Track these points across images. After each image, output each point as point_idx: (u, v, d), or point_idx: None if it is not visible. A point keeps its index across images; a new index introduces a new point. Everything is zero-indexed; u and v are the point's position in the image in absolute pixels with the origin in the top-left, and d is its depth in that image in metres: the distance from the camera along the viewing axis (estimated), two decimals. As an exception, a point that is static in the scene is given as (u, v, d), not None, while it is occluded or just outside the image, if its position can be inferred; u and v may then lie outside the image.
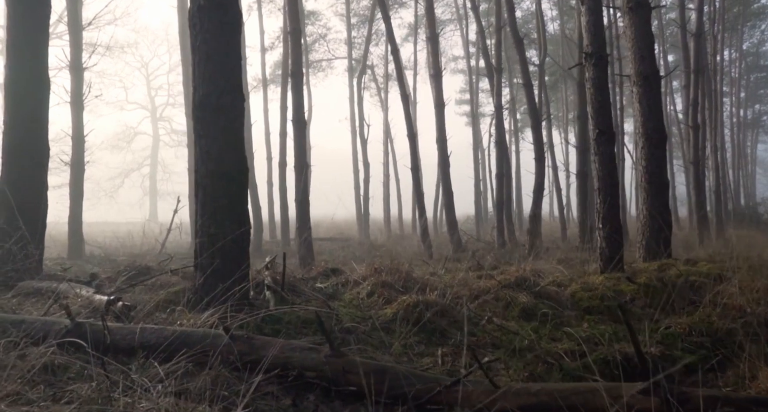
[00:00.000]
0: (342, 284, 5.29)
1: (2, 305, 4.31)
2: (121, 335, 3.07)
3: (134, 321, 3.80)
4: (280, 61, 28.32)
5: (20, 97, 5.64)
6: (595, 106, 5.49)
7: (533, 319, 4.28)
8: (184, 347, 3.02)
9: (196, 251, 4.19)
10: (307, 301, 4.51)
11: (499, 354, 3.69)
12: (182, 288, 4.48)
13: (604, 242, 5.48)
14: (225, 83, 4.11)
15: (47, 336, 3.03)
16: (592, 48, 5.52)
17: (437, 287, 4.90)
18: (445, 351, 3.72)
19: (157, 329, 3.12)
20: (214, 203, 4.11)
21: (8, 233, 5.29)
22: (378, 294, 4.65)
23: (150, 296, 4.83)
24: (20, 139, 5.59)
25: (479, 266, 6.17)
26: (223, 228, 4.10)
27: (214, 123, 4.09)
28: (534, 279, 4.93)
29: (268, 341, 3.12)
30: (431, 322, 4.11)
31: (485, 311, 4.42)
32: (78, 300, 4.20)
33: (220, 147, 4.09)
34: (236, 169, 4.17)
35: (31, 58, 5.69)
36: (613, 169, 5.50)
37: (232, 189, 4.14)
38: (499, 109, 15.94)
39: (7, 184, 5.50)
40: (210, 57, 4.10)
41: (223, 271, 4.07)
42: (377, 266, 5.21)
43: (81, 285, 4.77)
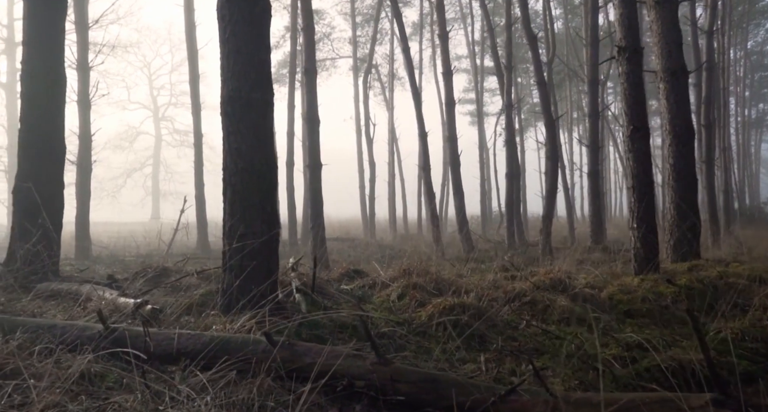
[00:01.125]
0: (369, 285, 5.13)
1: (24, 308, 4.16)
2: (156, 341, 2.91)
3: (163, 325, 3.65)
4: (282, 61, 28.26)
5: (37, 94, 5.48)
6: (630, 101, 5.33)
7: (574, 323, 4.12)
8: (223, 353, 2.87)
9: (225, 252, 4.03)
10: (338, 304, 4.36)
11: (544, 360, 3.53)
12: (208, 291, 4.32)
13: (638, 242, 5.32)
14: (255, 77, 3.95)
15: (80, 342, 2.87)
16: (625, 41, 5.36)
17: (470, 289, 4.75)
18: (487, 357, 3.56)
19: (193, 335, 2.96)
20: (244, 202, 3.95)
21: (26, 232, 5.14)
22: (410, 297, 4.49)
23: (173, 299, 4.68)
24: (37, 136, 5.44)
25: (506, 267, 6.01)
26: (254, 228, 3.95)
27: (244, 119, 3.93)
28: (569, 281, 4.78)
29: (310, 347, 2.97)
30: (469, 326, 3.96)
31: (523, 315, 4.27)
32: (102, 303, 4.04)
33: (251, 144, 3.94)
34: (267, 167, 4.02)
35: (47, 53, 5.54)
36: (648, 166, 5.34)
37: (262, 187, 3.99)
38: (510, 108, 15.80)
39: (23, 182, 5.34)
40: (239, 50, 3.94)
41: (253, 273, 3.91)
42: (406, 267, 5.05)
43: (103, 287, 4.61)
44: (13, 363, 2.45)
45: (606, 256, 9.22)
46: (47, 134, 5.52)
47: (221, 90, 4.04)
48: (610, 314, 4.36)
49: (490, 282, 5.16)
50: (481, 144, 29.43)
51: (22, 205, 5.31)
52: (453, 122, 14.33)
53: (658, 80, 6.66)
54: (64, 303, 4.46)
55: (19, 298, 4.58)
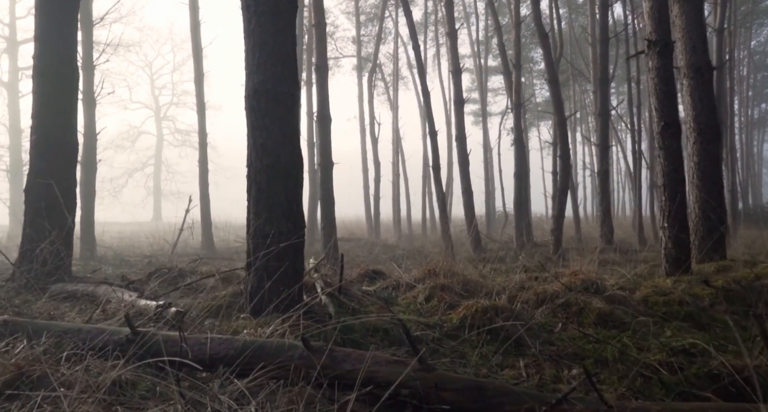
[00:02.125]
0: (392, 287, 4.98)
1: (40, 310, 4.00)
2: (187, 346, 2.76)
3: (188, 329, 3.49)
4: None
5: (49, 89, 5.32)
6: (660, 97, 5.18)
7: (611, 326, 3.97)
8: (258, 359, 2.72)
9: (250, 253, 3.88)
10: (364, 306, 4.20)
11: (586, 365, 3.38)
12: (231, 292, 4.16)
13: (670, 242, 5.16)
14: (282, 70, 3.80)
15: (107, 347, 2.72)
16: (656, 35, 5.20)
17: (498, 291, 4.60)
18: (527, 362, 3.41)
19: (226, 340, 2.81)
20: (269, 201, 3.80)
21: (38, 231, 4.98)
22: (438, 298, 4.34)
23: (193, 301, 4.53)
24: (49, 132, 5.28)
25: (528, 268, 5.86)
26: (279, 228, 3.79)
27: (270, 113, 3.78)
28: (600, 282, 4.62)
29: (349, 353, 2.81)
30: (503, 329, 3.80)
31: (557, 317, 4.11)
32: (122, 306, 3.89)
33: (276, 139, 3.78)
34: (293, 164, 3.86)
35: (59, 48, 5.38)
36: (680, 164, 5.19)
37: (288, 185, 3.84)
38: (518, 107, 15.65)
39: (35, 181, 5.18)
40: (265, 41, 3.79)
41: (279, 274, 3.76)
42: (431, 268, 4.90)
43: (120, 289, 4.46)
44: (40, 370, 2.30)
45: (622, 256, 9.08)
46: (60, 131, 5.36)
47: (246, 84, 3.89)
48: (646, 316, 4.20)
49: (517, 283, 5.01)
50: (485, 144, 29.28)
51: (35, 203, 5.15)
52: (462, 121, 14.18)
53: (681, 77, 6.51)
54: (80, 305, 4.31)
55: (33, 299, 4.43)
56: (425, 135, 28.44)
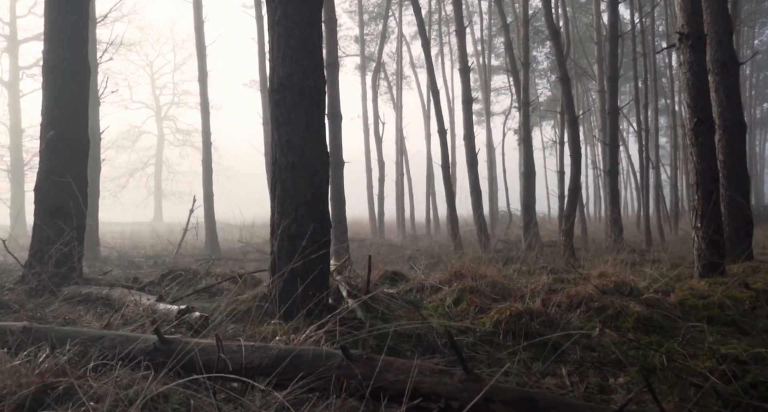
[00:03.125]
0: (416, 289, 4.81)
1: (54, 314, 3.83)
2: (217, 355, 2.58)
3: (211, 335, 3.32)
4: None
5: (60, 85, 5.15)
6: (693, 92, 5.01)
7: (651, 331, 3.80)
8: (294, 369, 2.55)
9: (274, 254, 3.71)
10: (392, 310, 4.03)
11: (631, 374, 3.21)
12: (252, 295, 3.99)
13: (703, 242, 4.99)
14: (309, 62, 3.63)
15: (133, 355, 2.55)
16: (688, 28, 5.03)
17: (530, 294, 4.44)
18: (569, 370, 3.24)
19: (259, 348, 2.64)
20: (295, 200, 3.63)
21: (49, 232, 4.80)
22: (467, 302, 4.17)
23: (211, 304, 4.36)
24: (61, 129, 5.10)
25: (551, 269, 5.69)
26: (305, 228, 3.62)
27: (296, 108, 3.61)
28: (634, 285, 4.45)
29: (390, 362, 2.64)
30: (540, 334, 3.64)
31: (593, 321, 3.94)
32: (140, 309, 3.71)
33: (303, 135, 3.61)
34: (319, 161, 3.69)
35: (70, 43, 5.20)
36: (713, 162, 5.02)
37: (315, 184, 3.66)
38: (526, 106, 15.50)
39: (46, 179, 5.01)
40: (291, 33, 3.61)
41: (305, 277, 3.59)
42: (457, 270, 4.73)
43: (136, 292, 4.28)
44: (66, 382, 2.13)
45: (639, 257, 8.91)
46: (71, 128, 5.18)
47: (270, 77, 3.72)
48: (685, 321, 4.03)
49: (545, 285, 4.84)
50: (489, 143, 29.13)
51: (45, 203, 4.97)
52: (470, 120, 14.02)
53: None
54: (95, 308, 4.13)
55: (46, 302, 4.25)
56: (429, 135, 28.30)
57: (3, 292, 4.36)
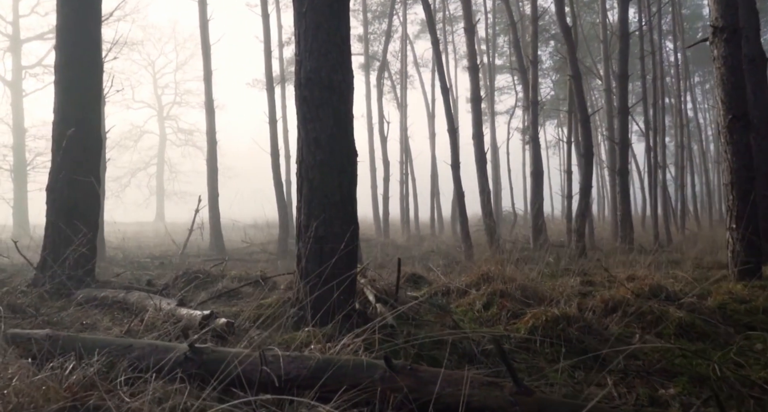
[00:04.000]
0: (442, 292, 4.65)
1: (72, 319, 3.67)
2: (253, 365, 2.43)
3: (237, 343, 3.16)
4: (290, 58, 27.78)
5: (73, 82, 4.99)
6: (728, 88, 4.85)
7: (694, 337, 3.63)
8: (335, 381, 2.39)
9: (301, 257, 3.55)
10: (421, 315, 3.87)
11: (681, 383, 3.05)
12: (276, 300, 3.83)
13: (738, 244, 4.83)
14: (337, 56, 3.47)
15: (163, 365, 2.39)
16: (723, 21, 4.87)
17: (557, 297, 4.28)
18: (615, 379, 3.08)
19: (296, 358, 2.48)
20: (323, 200, 3.47)
21: (61, 233, 4.64)
22: (498, 306, 4.01)
23: (231, 308, 4.20)
24: (73, 128, 4.93)
25: (574, 271, 5.53)
26: (333, 229, 3.46)
27: (324, 104, 3.45)
28: (670, 288, 4.29)
29: (435, 373, 2.48)
30: (579, 341, 3.48)
31: (632, 327, 3.78)
32: (160, 314, 3.56)
33: (331, 132, 3.45)
34: (348, 160, 3.53)
35: (83, 38, 5.04)
36: (749, 160, 4.85)
37: (343, 183, 3.50)
38: (535, 105, 15.36)
39: (59, 179, 4.85)
40: (319, 25, 3.46)
41: (332, 280, 3.43)
42: (484, 272, 4.57)
43: (153, 295, 4.12)
44: (96, 396, 1.97)
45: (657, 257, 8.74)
46: (84, 126, 5.02)
47: (296, 72, 3.56)
48: (726, 326, 3.87)
49: (574, 288, 4.68)
50: (493, 143, 28.95)
51: (57, 203, 4.81)
52: (479, 119, 13.85)
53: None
54: (112, 312, 3.98)
55: (59, 306, 4.10)
56: (433, 134, 28.15)
57: (16, 295, 4.20)
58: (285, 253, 13.99)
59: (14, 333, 2.61)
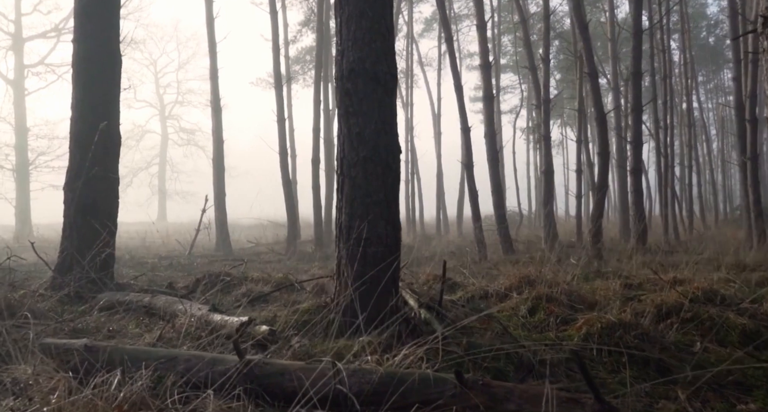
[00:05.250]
0: (479, 296, 4.43)
1: (98, 325, 3.46)
2: (316, 380, 2.21)
3: (277, 351, 2.95)
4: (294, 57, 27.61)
5: (91, 77, 4.78)
6: (778, 83, 4.65)
7: (761, 346, 3.42)
8: (402, 397, 2.18)
9: (341, 259, 3.34)
10: (460, 320, 3.65)
11: (760, 396, 2.84)
12: (314, 305, 3.62)
13: (789, 246, 4.61)
14: (382, 45, 3.26)
15: (211, 379, 2.18)
16: (772, 13, 4.65)
17: (608, 302, 4.07)
18: (687, 394, 2.86)
19: (356, 371, 2.27)
20: (366, 199, 3.26)
21: (79, 233, 4.43)
22: (546, 311, 3.79)
23: (258, 313, 3.98)
24: (91, 124, 4.73)
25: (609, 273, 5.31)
26: (377, 230, 3.25)
27: (368, 96, 3.24)
28: (724, 292, 4.08)
29: (510, 389, 2.27)
30: (639, 349, 3.26)
31: (690, 334, 3.57)
32: (192, 320, 3.34)
33: (375, 127, 3.24)
34: (393, 156, 3.32)
35: (101, 30, 4.83)
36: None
37: (387, 181, 3.29)
38: (547, 103, 15.14)
39: (76, 178, 4.63)
40: (363, 13, 3.24)
41: (376, 285, 3.22)
42: (524, 275, 4.36)
43: (180, 300, 3.90)
44: (149, 417, 1.76)
45: (677, 258, 8.55)
46: (101, 123, 4.79)
47: (338, 63, 3.35)
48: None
49: (617, 292, 4.47)
50: (498, 142, 28.75)
51: (76, 202, 4.60)
52: (491, 117, 13.66)
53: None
54: (137, 318, 3.76)
55: (81, 310, 3.88)
56: (438, 134, 27.94)
57: (35, 299, 3.99)
58: (294, 253, 13.78)
59: (49, 343, 2.40)
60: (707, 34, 38.17)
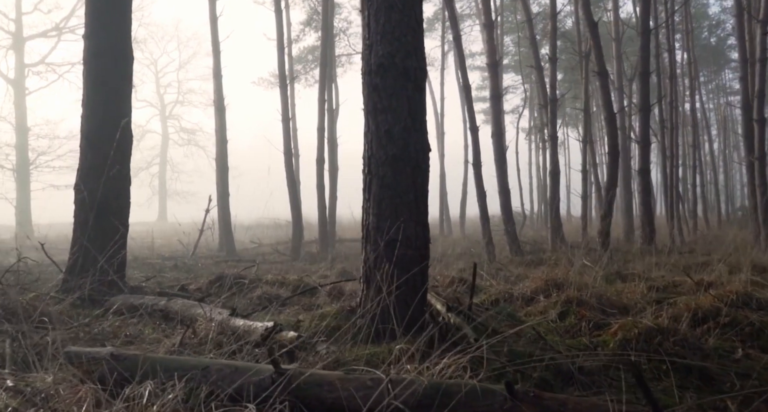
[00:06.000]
0: (503, 299, 4.30)
1: (115, 331, 3.32)
2: (350, 391, 2.08)
3: (307, 358, 2.82)
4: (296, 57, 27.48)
5: (102, 73, 4.64)
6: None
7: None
8: (448, 409, 2.05)
9: (368, 262, 3.21)
10: (491, 325, 3.52)
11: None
12: (338, 310, 3.48)
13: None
14: (412, 39, 3.12)
15: (245, 390, 2.04)
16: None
17: (630, 305, 3.95)
18: (736, 404, 2.73)
19: (398, 382, 2.13)
20: (395, 200, 3.12)
21: (91, 234, 4.29)
22: (577, 316, 3.66)
23: (276, 317, 3.85)
24: (103, 121, 4.59)
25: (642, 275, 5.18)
26: (406, 231, 3.12)
27: (398, 92, 3.10)
28: (759, 296, 3.95)
29: (563, 401, 2.13)
30: (680, 356, 3.13)
31: (730, 340, 3.44)
32: (213, 325, 3.21)
33: (405, 124, 3.11)
34: (422, 154, 3.19)
35: (113, 25, 4.69)
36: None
37: (417, 180, 3.16)
38: (554, 103, 15.03)
39: (87, 176, 4.50)
40: (392, 5, 3.11)
41: (406, 288, 3.09)
42: (549, 278, 4.22)
43: (200, 303, 3.77)
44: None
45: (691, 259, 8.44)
46: (114, 120, 4.67)
47: (366, 57, 3.22)
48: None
49: (645, 295, 4.34)
50: (502, 142, 28.62)
51: (87, 202, 4.46)
52: (499, 116, 13.55)
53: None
54: (153, 322, 3.63)
55: (94, 314, 3.75)
56: (441, 134, 27.82)
57: (47, 302, 3.84)
58: (298, 254, 13.65)
59: (74, 352, 2.27)
60: (709, 35, 38.08)
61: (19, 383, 2.32)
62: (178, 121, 45.17)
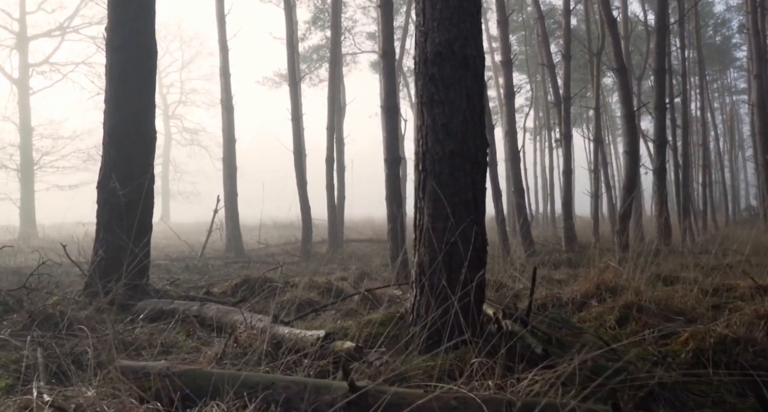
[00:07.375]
0: (552, 304, 4.07)
1: (147, 337, 3.10)
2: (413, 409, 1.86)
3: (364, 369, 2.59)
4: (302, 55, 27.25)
5: (126, 67, 4.41)
6: None
7: None
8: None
9: (423, 266, 2.98)
10: (546, 333, 3.29)
11: None
12: (387, 317, 3.26)
13: None
14: (470, 26, 2.90)
15: (318, 409, 1.82)
16: None
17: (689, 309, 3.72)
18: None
19: (488, 400, 1.91)
20: (453, 199, 2.90)
21: (115, 235, 4.07)
22: (637, 322, 3.44)
23: (311, 323, 3.63)
24: (126, 119, 4.37)
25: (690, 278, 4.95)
26: (465, 233, 2.89)
27: (456, 83, 2.88)
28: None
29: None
30: (763, 369, 2.90)
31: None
32: (254, 332, 2.98)
33: (464, 118, 2.88)
34: (481, 150, 2.97)
35: (136, 16, 4.46)
36: None
37: (477, 178, 2.94)
38: (568, 101, 14.79)
39: (111, 175, 4.27)
40: (450, -10, 2.89)
41: (463, 294, 2.86)
42: (603, 280, 4.00)
43: (233, 309, 3.54)
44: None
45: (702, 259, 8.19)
46: (138, 117, 4.45)
47: (420, 46, 2.99)
48: None
49: (699, 300, 4.11)
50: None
51: (110, 202, 4.23)
52: (512, 115, 13.32)
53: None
54: (185, 328, 3.40)
55: (120, 318, 3.52)
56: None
57: (71, 307, 3.62)
58: (309, 254, 13.43)
59: (127, 366, 2.05)
60: (714, 33, 37.86)
61: (58, 397, 2.11)
62: (181, 121, 44.92)
